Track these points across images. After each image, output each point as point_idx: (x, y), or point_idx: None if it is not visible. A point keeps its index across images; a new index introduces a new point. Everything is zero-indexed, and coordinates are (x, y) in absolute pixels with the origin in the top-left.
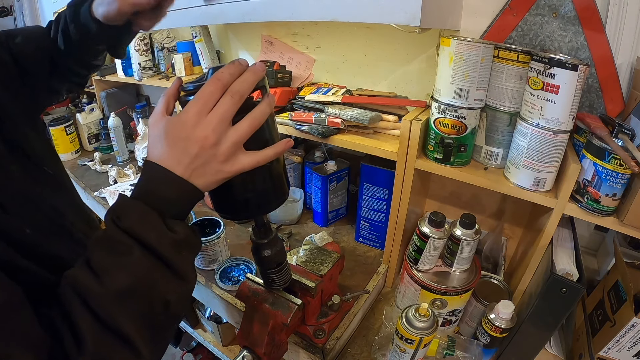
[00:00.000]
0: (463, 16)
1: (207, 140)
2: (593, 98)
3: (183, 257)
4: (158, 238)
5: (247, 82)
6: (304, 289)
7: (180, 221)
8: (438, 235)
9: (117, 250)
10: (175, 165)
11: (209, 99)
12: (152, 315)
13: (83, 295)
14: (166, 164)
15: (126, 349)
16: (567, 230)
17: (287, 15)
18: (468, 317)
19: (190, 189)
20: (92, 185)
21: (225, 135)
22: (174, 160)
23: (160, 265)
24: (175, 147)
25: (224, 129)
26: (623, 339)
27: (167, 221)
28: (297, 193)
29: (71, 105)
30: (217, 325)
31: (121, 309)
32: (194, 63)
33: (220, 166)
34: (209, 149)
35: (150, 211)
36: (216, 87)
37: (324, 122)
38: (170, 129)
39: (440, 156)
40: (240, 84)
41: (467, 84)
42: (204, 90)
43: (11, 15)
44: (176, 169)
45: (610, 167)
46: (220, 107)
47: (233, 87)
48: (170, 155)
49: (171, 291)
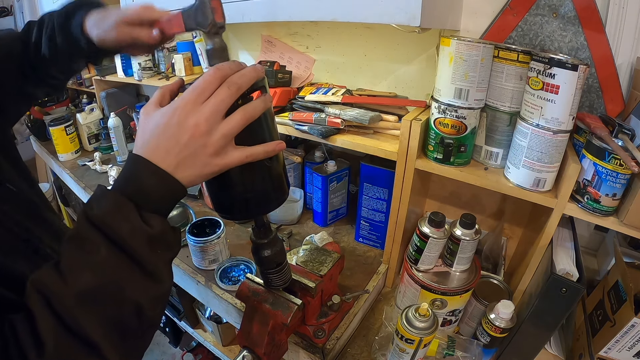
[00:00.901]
0: (463, 16)
1: (198, 128)
2: (593, 98)
3: (157, 256)
4: (130, 231)
5: (245, 76)
6: (304, 289)
7: (157, 215)
8: (438, 235)
9: (85, 247)
10: (163, 155)
11: (206, 88)
12: (121, 318)
13: (46, 296)
14: (152, 155)
15: (92, 355)
16: (567, 230)
17: (287, 15)
18: (468, 317)
19: (172, 183)
20: (92, 186)
21: (217, 126)
22: (162, 150)
23: (129, 263)
24: (164, 135)
25: (216, 120)
26: (623, 339)
27: (142, 213)
28: (297, 193)
29: (71, 105)
30: (217, 325)
31: (86, 312)
32: (194, 63)
33: (209, 159)
34: (199, 137)
35: (126, 202)
36: (214, 77)
37: (324, 122)
38: (161, 117)
39: (440, 156)
40: (239, 77)
41: (467, 84)
42: (202, 79)
43: (11, 15)
44: (163, 159)
45: (610, 167)
46: (215, 96)
47: (231, 79)
48: (158, 144)
49: (142, 293)
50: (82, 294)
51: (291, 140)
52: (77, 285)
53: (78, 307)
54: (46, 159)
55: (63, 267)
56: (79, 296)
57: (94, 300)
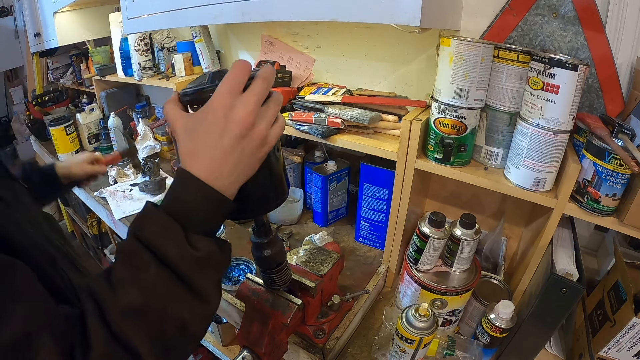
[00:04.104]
0: (463, 16)
1: (247, 119)
2: (593, 98)
3: (204, 276)
4: (178, 253)
5: (272, 73)
6: (304, 289)
7: (203, 236)
8: (438, 235)
9: (135, 264)
10: (208, 162)
11: (240, 79)
12: (165, 334)
13: (98, 302)
14: (198, 164)
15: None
16: (567, 230)
17: (287, 15)
18: (468, 317)
19: (219, 198)
20: (92, 185)
21: (261, 116)
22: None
23: (177, 283)
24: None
25: (258, 110)
26: (623, 339)
27: (189, 235)
28: (297, 193)
29: (71, 105)
30: (217, 325)
31: (132, 325)
32: (194, 63)
33: (258, 149)
34: (247, 129)
35: (172, 223)
36: (245, 70)
37: (324, 122)
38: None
39: (440, 156)
40: (267, 73)
41: (467, 84)
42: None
43: (11, 15)
44: (212, 165)
45: (610, 167)
46: (254, 89)
47: (263, 73)
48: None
49: (188, 312)
50: (130, 309)
51: (291, 140)
52: (125, 299)
53: (125, 319)
54: (46, 159)
55: (114, 278)
56: (127, 309)
57: (141, 315)
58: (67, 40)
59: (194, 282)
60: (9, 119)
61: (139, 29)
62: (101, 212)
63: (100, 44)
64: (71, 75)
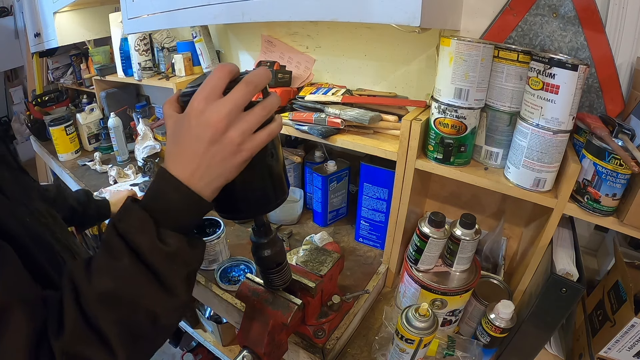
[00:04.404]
0: (463, 16)
1: (218, 125)
2: (593, 98)
3: (173, 270)
4: (149, 247)
5: (260, 76)
6: (304, 289)
7: (175, 233)
8: (438, 235)
9: (111, 254)
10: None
11: (216, 85)
12: (135, 322)
13: (76, 287)
14: (175, 166)
15: (102, 348)
16: (567, 230)
17: (287, 15)
18: (468, 317)
19: (195, 199)
20: (92, 185)
21: (238, 120)
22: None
23: (147, 275)
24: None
25: (237, 115)
26: (623, 339)
27: (160, 231)
28: (297, 193)
29: (71, 105)
30: (217, 325)
31: (103, 310)
32: (194, 63)
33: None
34: (220, 134)
35: (147, 218)
36: (223, 73)
37: (324, 122)
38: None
39: (440, 156)
40: (254, 76)
41: (467, 84)
42: (211, 77)
43: (11, 15)
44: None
45: (610, 167)
46: (234, 93)
47: (247, 77)
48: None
49: (158, 304)
50: (102, 295)
51: (291, 140)
52: (98, 287)
53: (98, 305)
54: (46, 159)
55: (92, 267)
56: (99, 296)
57: (112, 301)
58: (67, 40)
59: (162, 275)
60: (9, 119)
61: (139, 29)
62: None
63: (100, 44)
64: (71, 75)
